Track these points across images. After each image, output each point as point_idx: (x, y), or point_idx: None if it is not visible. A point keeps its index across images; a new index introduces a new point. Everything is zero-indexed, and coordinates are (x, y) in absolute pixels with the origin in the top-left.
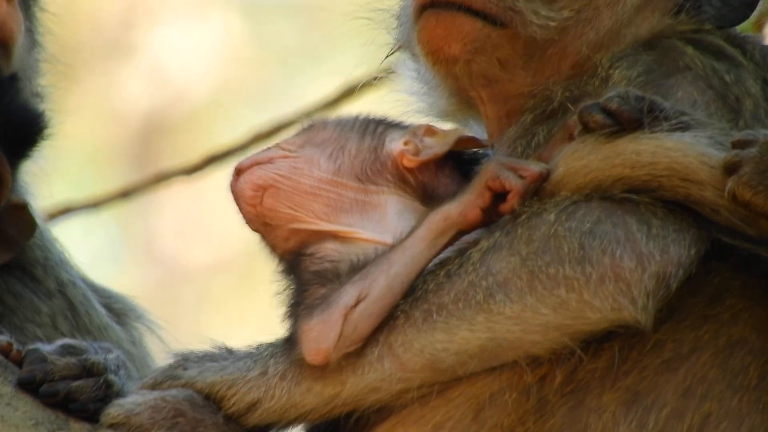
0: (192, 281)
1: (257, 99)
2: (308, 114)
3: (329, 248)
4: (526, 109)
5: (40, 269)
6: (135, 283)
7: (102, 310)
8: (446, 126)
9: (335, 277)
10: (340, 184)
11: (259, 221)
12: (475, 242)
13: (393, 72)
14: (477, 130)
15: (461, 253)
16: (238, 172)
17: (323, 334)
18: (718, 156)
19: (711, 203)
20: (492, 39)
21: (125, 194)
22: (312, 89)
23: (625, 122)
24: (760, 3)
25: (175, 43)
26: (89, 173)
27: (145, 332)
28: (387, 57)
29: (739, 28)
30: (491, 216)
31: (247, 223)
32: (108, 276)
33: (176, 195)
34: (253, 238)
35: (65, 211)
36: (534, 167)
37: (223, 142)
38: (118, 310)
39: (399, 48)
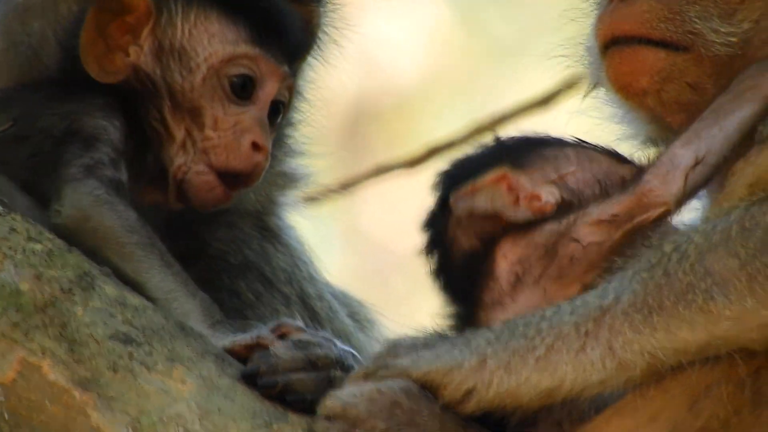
0: (403, 269)
1: (467, 89)
2: (526, 109)
3: None
4: None
5: (282, 278)
6: (347, 271)
7: (348, 322)
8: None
9: None
10: None
11: None
12: (689, 237)
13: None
14: None
15: (678, 248)
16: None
17: (666, 190)
18: None
19: None
20: (678, 66)
21: (344, 186)
22: (524, 82)
23: None
24: None
25: (382, 30)
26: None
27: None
28: (585, 96)
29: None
30: None
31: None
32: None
33: (394, 187)
34: None
35: None
36: None
37: (437, 132)
38: (361, 320)
39: (594, 87)
